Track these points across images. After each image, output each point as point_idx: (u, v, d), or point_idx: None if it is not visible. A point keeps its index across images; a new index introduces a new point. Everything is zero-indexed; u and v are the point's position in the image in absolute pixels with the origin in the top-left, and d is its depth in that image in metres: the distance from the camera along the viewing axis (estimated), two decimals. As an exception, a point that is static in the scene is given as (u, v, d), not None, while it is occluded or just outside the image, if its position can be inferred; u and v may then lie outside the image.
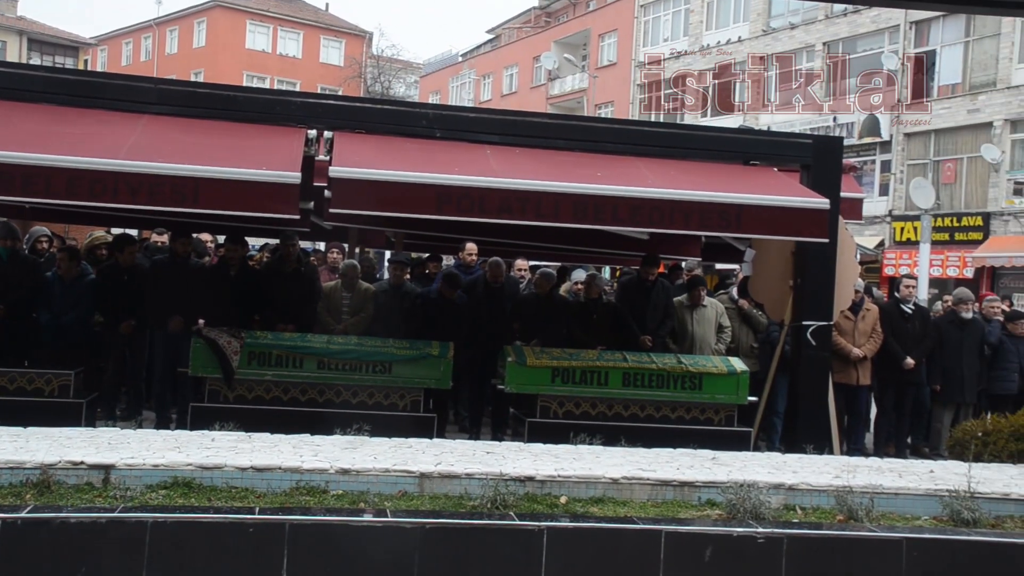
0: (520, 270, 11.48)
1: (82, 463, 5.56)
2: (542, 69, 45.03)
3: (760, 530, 5.49)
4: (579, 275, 11.54)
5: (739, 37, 34.49)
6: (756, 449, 8.84)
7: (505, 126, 9.08)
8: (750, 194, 8.23)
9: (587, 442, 7.42)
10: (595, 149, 9.03)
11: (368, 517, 5.34)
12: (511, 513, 5.52)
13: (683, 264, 12.97)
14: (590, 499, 5.94)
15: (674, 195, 8.10)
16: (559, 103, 43.10)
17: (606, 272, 17.47)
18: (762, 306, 9.96)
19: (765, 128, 25.78)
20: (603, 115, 38.00)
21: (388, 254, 15.30)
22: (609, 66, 40.55)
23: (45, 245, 9.89)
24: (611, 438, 7.75)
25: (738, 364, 9.17)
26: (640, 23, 39.62)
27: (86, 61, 49.71)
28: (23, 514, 4.95)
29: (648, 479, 6.12)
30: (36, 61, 43.00)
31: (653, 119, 32.06)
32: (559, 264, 13.33)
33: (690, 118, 34.52)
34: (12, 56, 43.64)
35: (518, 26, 52.51)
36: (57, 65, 39.95)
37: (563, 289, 11.54)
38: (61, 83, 8.58)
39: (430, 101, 46.92)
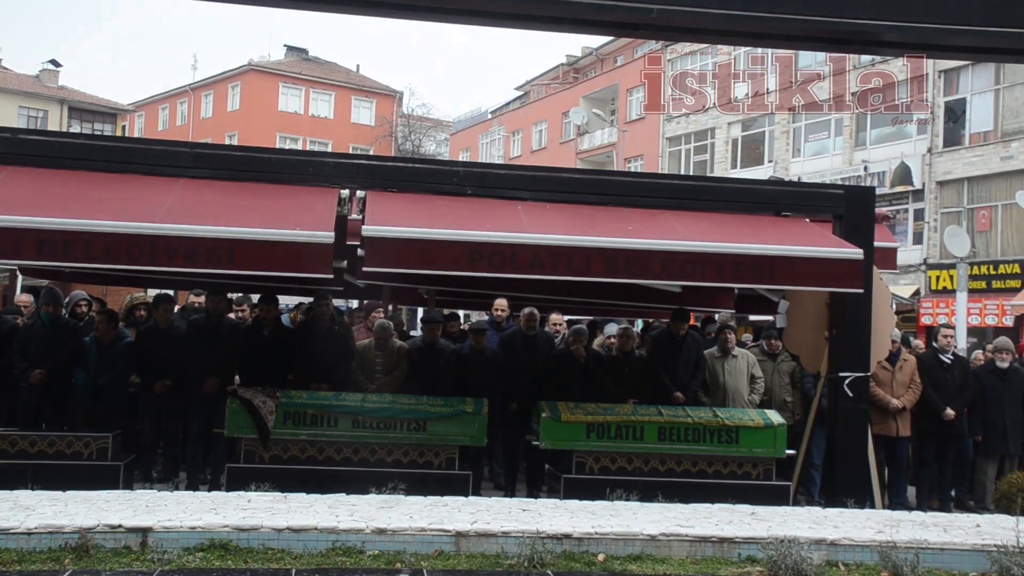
0: (555, 324, 11.47)
1: (120, 526, 5.58)
2: (571, 124, 45.41)
3: (803, 587, 5.39)
4: (611, 329, 11.50)
5: (767, 89, 34.60)
6: (795, 503, 8.70)
7: (536, 182, 9.14)
8: (783, 245, 8.21)
9: (624, 498, 7.36)
10: (625, 203, 9.06)
11: (405, 578, 5.30)
12: (548, 572, 5.47)
13: (716, 316, 12.92)
14: (628, 556, 5.87)
15: (706, 247, 8.09)
16: (589, 157, 43.38)
17: (638, 325, 17.43)
18: (797, 357, 9.87)
19: (795, 179, 25.79)
20: (633, 168, 38.21)
21: (420, 311, 15.38)
22: (638, 120, 40.79)
23: (84, 309, 10.02)
24: (648, 493, 7.68)
25: (775, 417, 9.07)
26: (668, 77, 39.88)
27: (124, 127, 50.70)
28: (62, 579, 4.98)
29: (687, 535, 6.04)
30: (76, 128, 43.94)
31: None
32: (590, 318, 13.32)
33: (719, 170, 34.64)
34: (53, 124, 44.64)
35: (547, 82, 53.06)
36: (96, 131, 40.81)
37: (596, 343, 11.50)
38: (99, 150, 8.76)
39: (460, 158, 47.34)
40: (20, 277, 13.11)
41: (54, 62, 49.54)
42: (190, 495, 6.93)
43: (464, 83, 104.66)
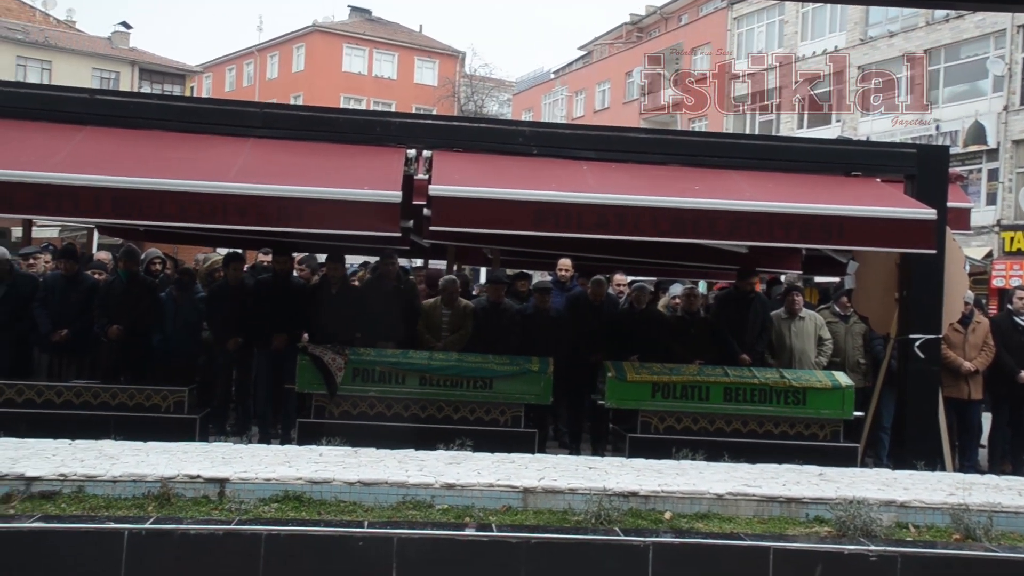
0: (619, 285, 11.45)
1: (199, 477, 5.74)
2: (634, 84, 44.91)
3: (872, 548, 5.36)
4: (676, 289, 11.45)
5: (835, 47, 33.84)
6: (863, 465, 8.63)
7: (601, 142, 9.11)
8: (854, 205, 8.09)
9: (689, 457, 7.36)
10: (692, 163, 8.99)
11: (474, 532, 5.38)
12: (616, 528, 5.50)
13: (782, 278, 12.79)
14: (695, 515, 5.88)
15: (774, 208, 8.01)
16: (652, 117, 42.92)
17: (701, 286, 17.31)
18: (866, 319, 9.75)
19: (864, 139, 25.25)
20: (697, 128, 37.72)
21: (484, 271, 15.45)
22: (701, 79, 40.19)
23: (158, 267, 10.26)
24: (713, 453, 7.66)
25: (843, 378, 8.99)
26: (733, 35, 39.26)
27: (192, 88, 51.44)
28: (147, 525, 5.14)
29: (754, 495, 6.03)
30: (146, 89, 44.70)
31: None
32: (655, 279, 13.26)
33: (785, 129, 34.03)
34: (124, 85, 45.49)
35: (610, 42, 52.51)
36: (166, 92, 41.47)
37: (661, 304, 11.47)
38: (172, 110, 8.93)
39: (523, 119, 47.13)
40: (96, 235, 13.43)
41: (125, 24, 50.40)
42: (264, 448, 7.09)
43: (527, 43, 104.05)
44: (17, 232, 22.49)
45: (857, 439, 9.04)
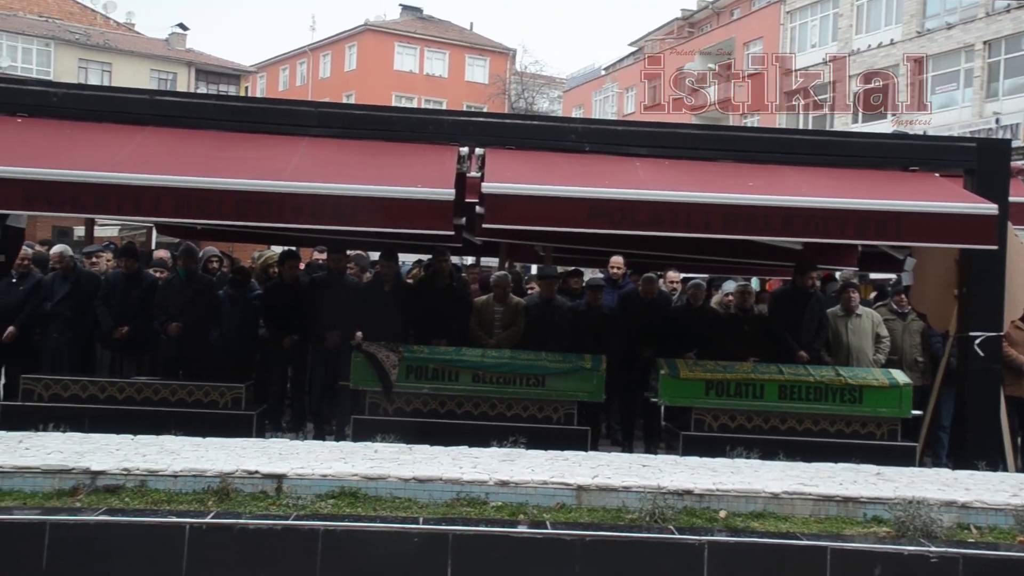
0: (672, 282, 11.40)
1: (257, 472, 5.83)
2: (685, 80, 44.53)
3: (933, 549, 5.29)
4: (729, 286, 11.37)
5: (891, 40, 33.29)
6: (922, 465, 8.50)
7: (653, 138, 9.06)
8: (912, 200, 7.96)
9: (744, 456, 7.32)
10: (745, 159, 8.91)
11: (529, 529, 5.41)
12: (670, 527, 5.49)
13: (836, 275, 12.63)
14: (750, 514, 5.85)
15: (830, 203, 7.91)
16: (704, 113, 42.53)
17: (754, 283, 17.15)
18: (925, 316, 9.60)
19: (921, 133, 24.82)
20: (749, 124, 37.34)
21: (534, 268, 15.45)
22: (755, 74, 39.78)
23: (216, 265, 10.42)
24: (768, 452, 7.61)
25: (900, 376, 8.86)
26: (786, 29, 38.78)
27: (246, 88, 52.11)
28: (207, 520, 5.25)
29: (810, 494, 5.98)
30: (202, 89, 45.45)
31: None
32: (707, 276, 13.17)
33: (839, 124, 33.57)
34: (181, 86, 46.33)
35: (661, 37, 52.13)
36: (221, 93, 42.09)
37: (713, 301, 11.40)
38: (229, 110, 9.06)
39: (573, 115, 47.01)
40: (155, 234, 13.68)
41: (182, 26, 51.33)
42: (320, 444, 7.19)
43: (577, 40, 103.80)
44: (79, 231, 22.97)
45: (915, 438, 8.91)
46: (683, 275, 12.02)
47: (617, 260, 11.06)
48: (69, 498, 5.53)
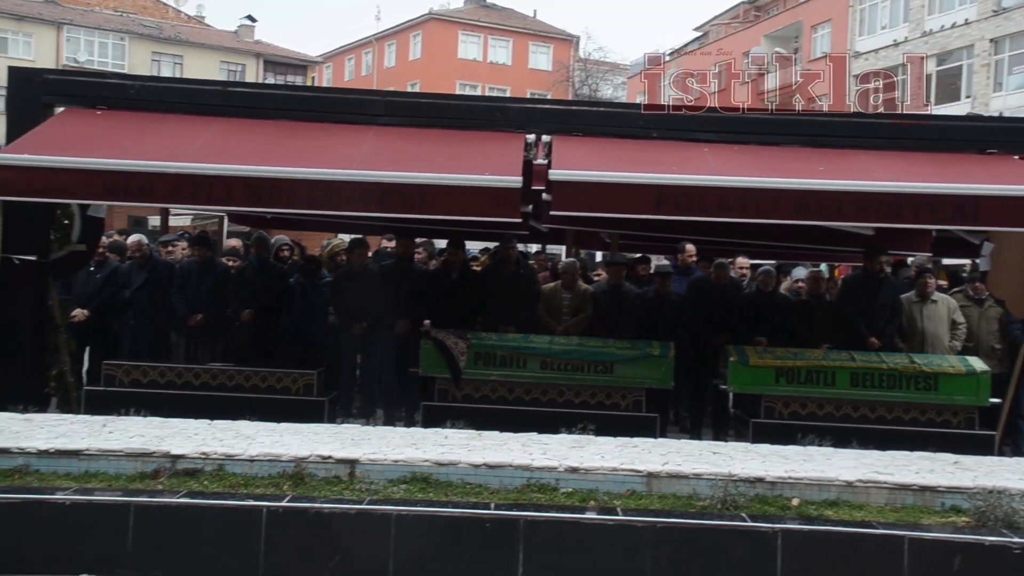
0: (741, 268, 11.28)
1: (330, 457, 5.92)
2: (752, 64, 43.92)
3: (1016, 540, 5.18)
4: (799, 273, 11.23)
5: (965, 19, 32.43)
6: (1001, 454, 8.32)
7: (721, 123, 8.96)
8: (989, 184, 7.78)
9: (816, 443, 7.23)
10: (815, 143, 8.78)
11: (600, 515, 5.41)
12: (743, 514, 5.46)
13: (909, 260, 12.39)
14: (823, 502, 5.78)
15: (904, 188, 7.78)
16: (770, 98, 41.97)
17: (823, 269, 16.88)
18: (1003, 302, 9.37)
19: (996, 115, 24.18)
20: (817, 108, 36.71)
21: (599, 255, 15.41)
22: (822, 58, 39.07)
23: (286, 253, 10.57)
24: (840, 440, 7.50)
25: (977, 364, 8.66)
26: (856, 11, 37.98)
27: (313, 78, 52.77)
28: (283, 503, 5.35)
29: (885, 483, 5.89)
30: (270, 80, 46.19)
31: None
32: (775, 262, 13.01)
33: (911, 108, 32.81)
34: (250, 77, 47.15)
35: (726, 22, 51.48)
36: (288, 83, 42.68)
37: (783, 287, 11.26)
38: (299, 100, 9.18)
39: (638, 102, 46.65)
40: (227, 223, 13.91)
41: (250, 18, 52.17)
42: (391, 430, 7.27)
43: (641, 25, 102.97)
44: (153, 221, 23.55)
45: (993, 427, 8.71)
46: (753, 261, 11.89)
47: (691, 248, 10.97)
48: (151, 481, 5.69)
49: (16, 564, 5.27)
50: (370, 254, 10.63)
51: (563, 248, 14.06)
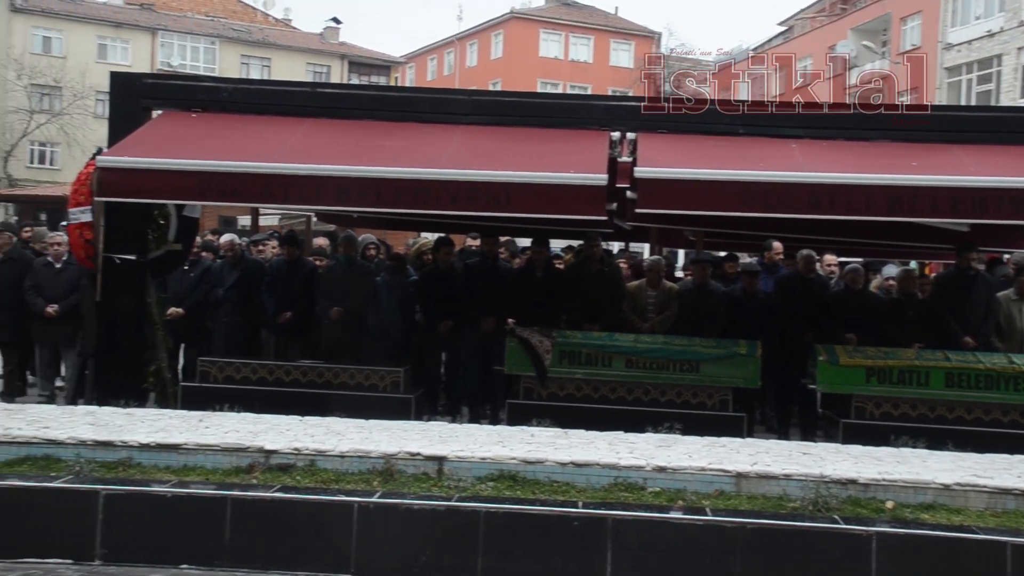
0: (829, 266, 11.08)
1: (419, 454, 5.99)
2: (837, 59, 43.03)
3: (1124, 547, 5.00)
4: (890, 270, 10.98)
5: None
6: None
7: (809, 119, 8.81)
8: (1093, 177, 7.51)
9: (910, 445, 7.07)
10: (906, 138, 8.59)
11: (689, 515, 5.38)
12: (835, 516, 5.37)
13: (1005, 257, 12.01)
14: (919, 505, 5.64)
15: (1002, 183, 7.58)
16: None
17: (913, 267, 16.46)
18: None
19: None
20: (906, 102, 35.82)
21: (682, 253, 15.28)
22: (912, 50, 38.10)
23: (373, 252, 10.72)
24: (935, 442, 7.32)
25: (1080, 364, 8.36)
26: (948, 1, 36.94)
27: (396, 78, 53.39)
28: (374, 499, 5.44)
29: (985, 487, 5.73)
30: (354, 81, 46.86)
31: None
32: (863, 260, 12.73)
33: (1007, 100, 31.85)
34: (335, 78, 48.02)
35: (812, 15, 50.56)
36: (372, 83, 43.28)
37: (873, 285, 11.02)
38: (386, 100, 9.31)
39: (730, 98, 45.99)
40: (314, 222, 14.16)
41: (335, 20, 53.02)
42: (477, 428, 7.31)
43: (724, 20, 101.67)
44: (243, 220, 24.06)
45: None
46: (841, 259, 11.66)
47: (777, 245, 10.82)
48: (246, 475, 5.82)
49: (128, 554, 5.46)
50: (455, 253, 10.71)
51: (646, 246, 14.01)
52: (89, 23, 45.37)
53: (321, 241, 11.66)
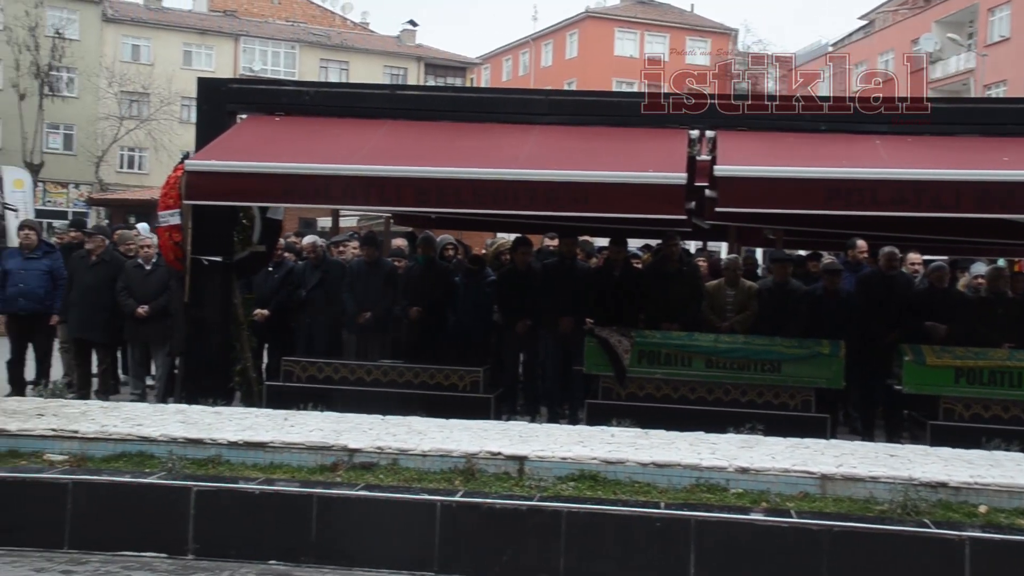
0: (913, 264, 10.83)
1: (499, 454, 6.02)
2: (921, 52, 42.00)
3: None
4: (979, 268, 10.69)
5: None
6: None
7: (892, 114, 8.61)
8: None
9: (1002, 448, 6.87)
10: (994, 132, 8.34)
11: (773, 517, 5.31)
12: (925, 520, 5.25)
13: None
14: (1015, 510, 5.47)
15: (1099, 177, 7.30)
16: (941, 87, 40.02)
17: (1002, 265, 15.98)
18: None
19: None
20: (994, 95, 34.79)
21: (760, 252, 15.07)
22: (1000, 42, 37.03)
23: (452, 252, 10.80)
24: (1029, 445, 7.11)
25: None
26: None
27: (471, 79, 53.70)
28: (456, 498, 5.48)
29: (1087, 492, 5.54)
30: (431, 83, 47.31)
31: None
32: (948, 257, 12.42)
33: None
34: (412, 80, 48.62)
35: (893, 9, 49.45)
36: (448, 84, 43.60)
37: (961, 284, 10.75)
38: (464, 101, 9.37)
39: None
40: (392, 224, 14.31)
41: (412, 22, 53.59)
42: (557, 428, 7.31)
43: (803, 15, 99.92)
44: (323, 222, 24.43)
45: None
46: (925, 257, 11.40)
47: (863, 245, 10.61)
48: (330, 473, 5.91)
49: (218, 549, 5.60)
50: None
51: (724, 245, 13.86)
52: (175, 31, 46.61)
53: (399, 242, 11.79)
